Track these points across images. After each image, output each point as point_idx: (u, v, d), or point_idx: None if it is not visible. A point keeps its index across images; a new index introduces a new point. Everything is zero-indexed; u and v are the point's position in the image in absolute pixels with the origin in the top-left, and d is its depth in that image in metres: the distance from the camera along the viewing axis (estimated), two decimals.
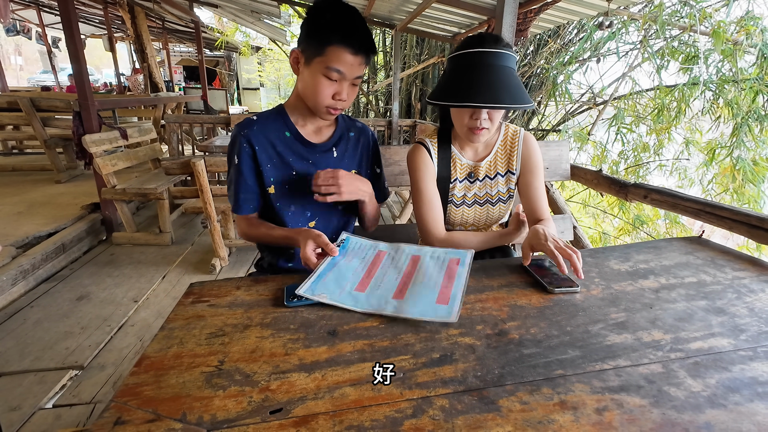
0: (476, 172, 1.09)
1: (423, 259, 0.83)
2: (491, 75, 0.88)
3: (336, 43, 0.85)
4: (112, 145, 2.91)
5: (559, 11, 2.91)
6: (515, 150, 1.08)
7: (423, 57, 5.76)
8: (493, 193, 1.11)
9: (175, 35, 10.48)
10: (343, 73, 0.88)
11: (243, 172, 0.99)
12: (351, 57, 0.87)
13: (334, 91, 0.90)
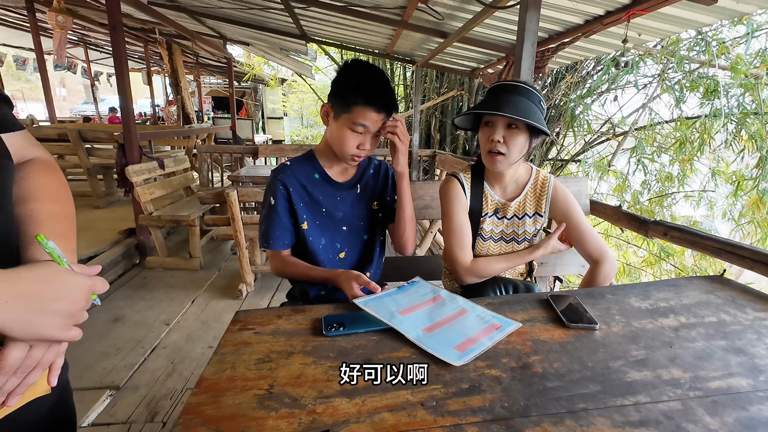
0: (505, 209, 1.16)
1: (469, 313, 0.86)
2: (507, 97, 1.02)
3: (361, 104, 0.99)
4: (150, 175, 3.11)
5: (576, 49, 3.02)
6: (545, 194, 1.15)
7: (443, 90, 5.96)
8: (520, 231, 1.17)
9: (207, 69, 11.16)
10: (367, 127, 1.01)
11: (279, 212, 1.10)
12: (374, 114, 1.00)
13: (359, 142, 1.03)
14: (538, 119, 1.00)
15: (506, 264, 1.13)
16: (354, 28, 3.94)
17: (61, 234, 0.54)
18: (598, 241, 1.12)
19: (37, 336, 0.44)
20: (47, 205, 0.56)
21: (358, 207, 1.18)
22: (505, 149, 1.04)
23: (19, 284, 0.42)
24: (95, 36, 7.30)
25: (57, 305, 0.45)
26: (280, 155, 4.79)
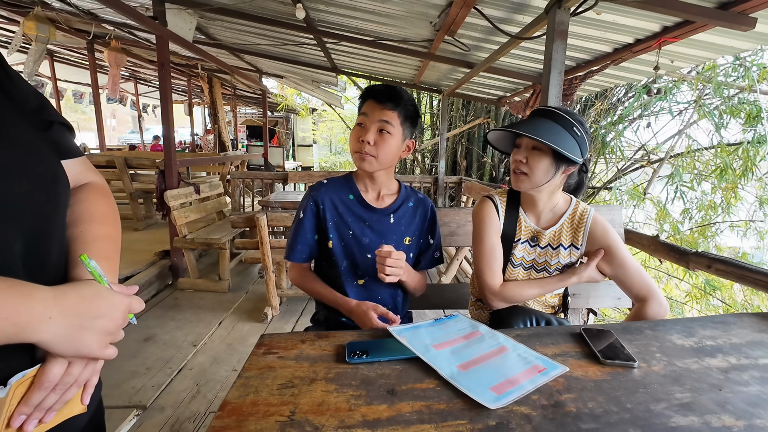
0: (539, 237, 1.13)
1: (510, 351, 0.81)
2: (536, 120, 1.04)
3: (365, 98, 1.07)
4: (186, 199, 3.27)
5: (605, 77, 3.00)
6: (582, 226, 1.11)
7: (469, 118, 6.01)
8: (553, 262, 1.13)
9: (243, 100, 11.81)
10: (366, 115, 1.05)
11: (305, 226, 1.13)
12: (374, 103, 1.05)
13: (360, 135, 1.05)
14: (563, 143, 0.99)
15: (538, 290, 1.09)
16: (382, 60, 4.09)
17: (105, 255, 0.57)
18: (644, 279, 1.05)
19: (76, 353, 0.46)
20: (95, 227, 0.59)
21: (388, 238, 1.15)
22: (527, 169, 1.04)
23: (63, 301, 0.45)
24: (144, 71, 7.93)
25: (97, 323, 0.47)
26: (309, 181, 4.92)
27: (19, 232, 0.46)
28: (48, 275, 0.51)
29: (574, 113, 1.06)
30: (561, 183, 1.09)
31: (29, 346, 0.45)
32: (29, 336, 0.42)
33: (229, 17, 3.32)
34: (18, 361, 0.45)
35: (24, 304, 0.41)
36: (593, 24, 2.11)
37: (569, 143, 1.00)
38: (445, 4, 2.31)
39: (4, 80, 0.53)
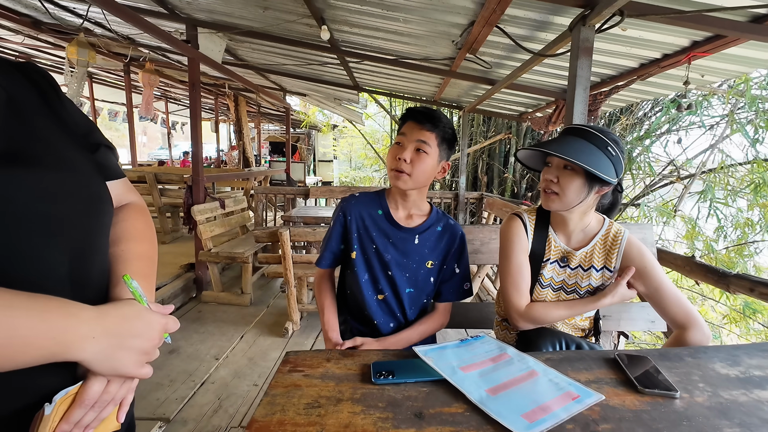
0: (570, 258, 1.09)
1: (541, 376, 0.78)
2: (568, 138, 1.02)
3: (405, 119, 1.09)
4: (212, 214, 3.36)
5: (631, 92, 2.95)
6: (616, 248, 1.07)
7: (490, 134, 5.99)
8: (583, 284, 1.09)
9: (267, 117, 12.17)
10: (405, 135, 1.07)
11: (332, 234, 1.17)
12: (413, 124, 1.07)
13: (398, 153, 1.06)
14: (596, 163, 0.96)
15: (566, 311, 1.05)
16: (403, 78, 4.15)
17: (144, 273, 0.59)
18: (683, 304, 0.99)
19: (115, 371, 0.47)
20: (135, 246, 0.62)
21: (410, 258, 1.14)
22: (558, 189, 1.01)
23: (105, 321, 0.46)
24: (175, 91, 8.30)
25: (135, 342, 0.48)
26: (330, 196, 4.98)
27: (66, 250, 0.48)
28: (91, 293, 0.52)
29: (609, 132, 1.02)
30: (593, 203, 1.06)
31: (71, 363, 0.46)
32: (74, 354, 0.43)
33: (257, 39, 3.46)
34: (61, 378, 0.47)
35: (70, 324, 0.43)
36: (619, 40, 2.09)
37: (603, 163, 0.97)
38: (467, 23, 2.34)
39: (59, 107, 0.56)
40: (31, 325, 0.39)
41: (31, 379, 0.44)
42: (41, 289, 0.43)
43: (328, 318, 1.17)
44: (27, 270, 0.44)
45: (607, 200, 1.11)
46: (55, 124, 0.54)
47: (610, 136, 1.01)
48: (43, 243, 0.46)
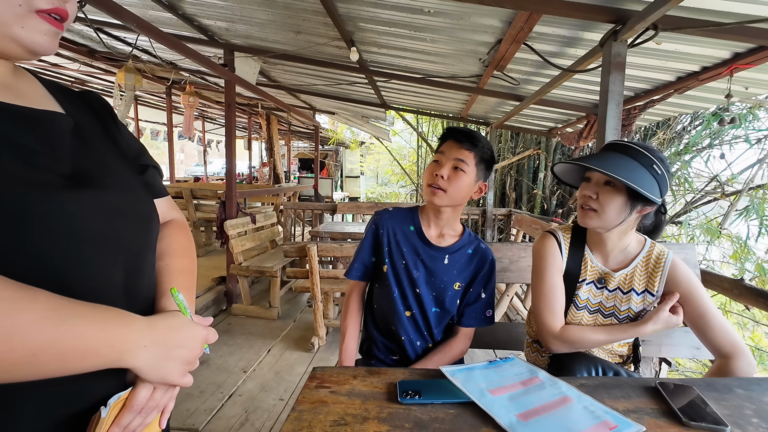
0: (608, 280, 1.04)
1: (575, 403, 0.74)
2: (611, 155, 0.98)
3: (445, 138, 1.10)
4: (243, 229, 3.47)
5: (668, 106, 2.84)
6: (659, 271, 1.01)
7: (518, 149, 5.91)
8: (623, 308, 1.04)
9: (296, 135, 12.55)
10: (443, 153, 1.08)
11: (364, 246, 1.19)
12: (453, 143, 1.08)
13: (436, 170, 1.07)
14: (640, 181, 0.91)
15: (604, 336, 0.99)
16: (430, 96, 4.19)
17: (186, 286, 0.63)
18: (729, 333, 0.93)
19: (161, 379, 0.50)
20: (178, 261, 0.65)
21: (437, 277, 1.13)
22: (597, 206, 0.97)
23: (154, 331, 0.49)
24: (211, 111, 8.74)
25: (180, 352, 0.51)
26: (357, 212, 5.03)
27: (122, 263, 0.52)
28: (140, 304, 0.56)
29: (654, 149, 0.98)
30: (634, 223, 1.01)
31: (121, 370, 0.49)
32: (127, 361, 0.46)
33: (290, 61, 3.61)
34: (113, 384, 0.50)
35: (126, 333, 0.46)
36: (653, 54, 2.03)
37: (648, 181, 0.93)
38: (495, 41, 2.35)
39: (115, 132, 0.62)
40: (93, 333, 0.42)
41: (90, 385, 0.48)
42: (100, 299, 0.46)
43: (348, 344, 1.18)
44: (88, 281, 0.47)
45: (648, 221, 1.05)
46: (113, 148, 0.60)
47: (656, 154, 0.97)
48: (102, 257, 0.49)
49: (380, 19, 2.42)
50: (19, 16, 0.45)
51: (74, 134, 0.53)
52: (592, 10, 1.66)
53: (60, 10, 0.48)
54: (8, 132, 0.45)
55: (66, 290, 0.43)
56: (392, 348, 1.20)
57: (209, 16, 2.99)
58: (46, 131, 0.49)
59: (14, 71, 0.52)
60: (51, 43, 0.49)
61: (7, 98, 0.47)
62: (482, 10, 2.01)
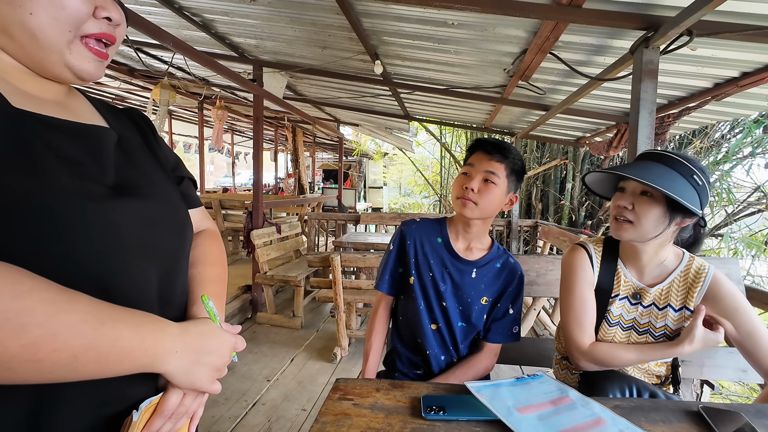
0: (642, 295, 1.00)
1: (609, 426, 0.70)
2: (648, 164, 0.94)
3: (473, 150, 1.08)
4: (269, 238, 3.54)
5: (705, 113, 2.73)
6: (698, 286, 0.96)
7: (544, 160, 5.80)
8: (658, 325, 0.98)
9: (321, 146, 12.79)
10: (472, 165, 1.06)
11: (392, 257, 1.17)
12: (482, 154, 1.06)
13: (465, 182, 1.05)
14: (681, 192, 0.86)
15: (637, 355, 0.94)
16: (454, 106, 4.19)
17: (216, 294, 0.65)
18: None
19: (192, 385, 0.51)
20: (209, 269, 0.67)
21: (464, 291, 1.11)
22: (633, 217, 0.93)
23: (186, 337, 0.50)
24: (240, 124, 9.05)
25: (210, 359, 0.52)
26: (379, 222, 5.04)
27: (157, 271, 0.54)
28: (173, 311, 0.58)
29: (694, 159, 0.93)
30: (672, 236, 0.96)
31: (153, 376, 0.51)
32: (159, 366, 0.47)
33: (316, 75, 3.71)
34: (145, 389, 0.51)
35: (159, 338, 0.47)
36: (688, 60, 1.96)
37: (688, 192, 0.88)
38: (519, 52, 2.34)
39: (154, 145, 0.66)
40: (130, 336, 0.44)
41: (123, 389, 0.49)
42: (136, 304, 0.48)
43: (371, 361, 1.18)
44: (127, 287, 0.49)
45: (687, 234, 0.99)
46: (152, 160, 0.63)
47: (697, 164, 0.92)
48: (141, 263, 0.52)
49: (404, 32, 2.45)
50: (69, 42, 0.48)
51: (118, 147, 0.57)
52: (621, 17, 1.63)
53: (107, 35, 0.52)
54: (61, 144, 0.48)
55: (106, 294, 0.45)
56: (416, 362, 1.18)
57: (240, 34, 3.12)
58: (93, 144, 0.53)
59: (68, 92, 0.57)
60: (97, 71, 0.53)
61: (62, 115, 0.51)
62: (507, 21, 2.01)
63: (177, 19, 2.86)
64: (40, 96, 0.51)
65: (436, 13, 2.06)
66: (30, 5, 0.45)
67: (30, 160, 0.44)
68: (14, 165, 0.42)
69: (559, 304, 1.05)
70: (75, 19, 0.48)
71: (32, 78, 0.51)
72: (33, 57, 0.48)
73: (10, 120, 0.44)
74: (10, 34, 0.46)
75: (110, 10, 0.51)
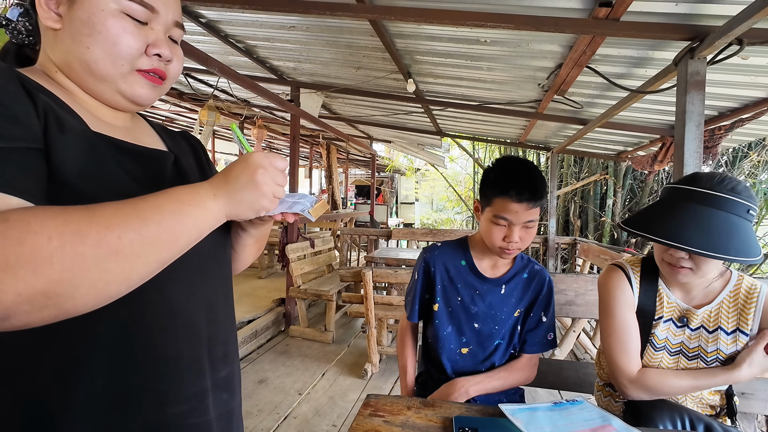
0: (690, 318, 0.94)
1: None
2: (697, 212, 0.82)
3: (499, 195, 0.98)
4: (303, 253, 3.62)
5: (761, 124, 2.56)
6: (752, 307, 0.89)
7: (582, 175, 5.60)
8: (710, 350, 0.91)
9: (354, 163, 13.04)
10: (508, 219, 0.98)
11: (419, 286, 1.16)
12: (514, 204, 0.96)
13: (503, 234, 0.99)
14: (743, 243, 0.77)
15: (691, 382, 0.87)
16: (487, 122, 4.16)
17: None
18: None
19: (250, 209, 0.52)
20: None
21: (497, 308, 1.09)
22: (692, 265, 0.85)
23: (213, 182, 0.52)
24: (277, 143, 9.42)
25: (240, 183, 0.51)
26: (411, 238, 5.03)
27: (206, 281, 0.60)
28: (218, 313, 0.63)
29: (742, 186, 0.82)
30: None
31: (203, 389, 0.57)
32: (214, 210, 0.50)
33: (350, 95, 3.82)
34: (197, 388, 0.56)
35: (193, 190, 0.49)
36: (739, 69, 1.86)
37: (749, 237, 0.79)
38: (554, 66, 2.30)
39: (205, 165, 0.72)
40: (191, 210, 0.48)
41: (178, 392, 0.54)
42: (186, 305, 0.55)
43: (410, 377, 1.19)
44: (180, 294, 0.55)
45: None
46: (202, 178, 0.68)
47: (747, 192, 0.81)
48: (193, 274, 0.57)
49: (436, 51, 2.49)
50: (123, 74, 0.54)
51: (174, 167, 0.63)
52: (662, 29, 1.58)
53: (158, 71, 0.57)
54: (129, 165, 0.54)
55: (164, 299, 0.53)
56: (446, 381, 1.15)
57: (279, 57, 3.28)
58: (154, 167, 0.58)
59: (132, 117, 0.63)
60: (149, 95, 0.58)
61: (129, 139, 0.57)
62: (540, 37, 1.99)
63: (222, 46, 3.06)
64: (111, 123, 0.57)
65: (468, 31, 2.09)
66: (87, 41, 0.51)
67: (111, 177, 0.50)
68: (101, 180, 0.48)
69: (600, 329, 1.00)
70: (127, 54, 0.53)
71: (102, 107, 0.57)
72: (89, 86, 0.54)
73: (90, 141, 0.50)
74: (72, 66, 0.53)
75: (161, 47, 0.56)
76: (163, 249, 0.45)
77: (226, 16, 2.56)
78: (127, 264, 0.41)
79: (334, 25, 2.39)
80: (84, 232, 0.39)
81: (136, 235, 0.42)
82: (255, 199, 0.52)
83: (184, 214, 0.47)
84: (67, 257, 0.37)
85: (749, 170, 4.09)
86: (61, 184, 0.45)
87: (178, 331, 0.54)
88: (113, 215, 0.41)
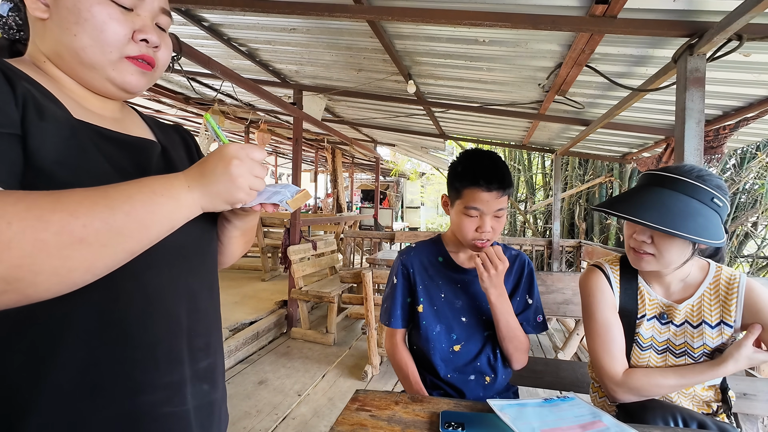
0: (671, 313, 0.92)
1: None
2: (658, 193, 0.84)
3: (469, 185, 0.98)
4: (305, 255, 3.63)
5: (766, 124, 2.51)
6: (733, 298, 0.88)
7: (587, 177, 5.55)
8: (696, 345, 0.90)
9: (359, 167, 13.08)
10: (479, 209, 0.97)
11: (399, 290, 1.13)
12: (483, 194, 0.96)
13: (476, 225, 0.99)
14: (702, 226, 0.78)
15: (677, 380, 0.86)
16: (489, 124, 4.15)
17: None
18: None
19: (228, 199, 0.52)
20: None
21: (482, 299, 1.08)
22: (654, 250, 0.85)
23: (188, 174, 0.51)
24: (282, 147, 9.49)
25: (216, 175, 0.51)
26: (414, 240, 5.02)
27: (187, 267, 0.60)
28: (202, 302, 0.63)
29: (711, 176, 0.84)
30: (694, 255, 0.87)
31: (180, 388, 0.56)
32: (188, 202, 0.49)
33: (352, 97, 3.84)
34: None
35: (167, 181, 0.49)
36: (742, 66, 1.84)
37: (712, 222, 0.79)
38: (554, 66, 2.30)
39: (195, 158, 0.73)
40: (163, 201, 0.47)
41: None
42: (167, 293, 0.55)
43: (414, 383, 1.10)
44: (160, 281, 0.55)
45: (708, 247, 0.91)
46: None
47: (713, 182, 0.83)
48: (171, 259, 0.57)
49: (436, 52, 2.49)
50: (112, 61, 0.54)
51: (161, 157, 0.63)
52: (660, 25, 1.57)
53: (147, 57, 0.57)
54: (113, 153, 0.54)
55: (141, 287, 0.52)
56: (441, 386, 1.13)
57: (281, 60, 3.32)
58: (138, 155, 0.58)
59: (122, 108, 0.63)
60: (139, 82, 0.58)
61: (115, 128, 0.58)
62: (539, 36, 1.99)
63: (225, 49, 3.10)
64: (98, 112, 0.57)
65: (467, 31, 2.09)
66: (75, 28, 0.51)
67: (91, 165, 0.50)
68: (79, 168, 0.48)
69: (585, 331, 0.99)
70: (114, 40, 0.53)
71: (90, 96, 0.57)
72: (79, 74, 0.55)
73: (71, 129, 0.50)
74: (61, 55, 0.53)
75: (148, 33, 0.56)
76: (131, 239, 0.44)
77: (228, 20, 2.60)
78: (92, 252, 0.41)
79: (333, 26, 2.41)
80: (46, 219, 0.38)
81: (102, 224, 0.41)
82: (230, 192, 0.51)
83: (156, 204, 0.46)
84: (26, 243, 0.37)
85: (757, 171, 4.02)
86: (38, 170, 0.45)
87: (156, 320, 0.54)
88: (80, 203, 0.41)
